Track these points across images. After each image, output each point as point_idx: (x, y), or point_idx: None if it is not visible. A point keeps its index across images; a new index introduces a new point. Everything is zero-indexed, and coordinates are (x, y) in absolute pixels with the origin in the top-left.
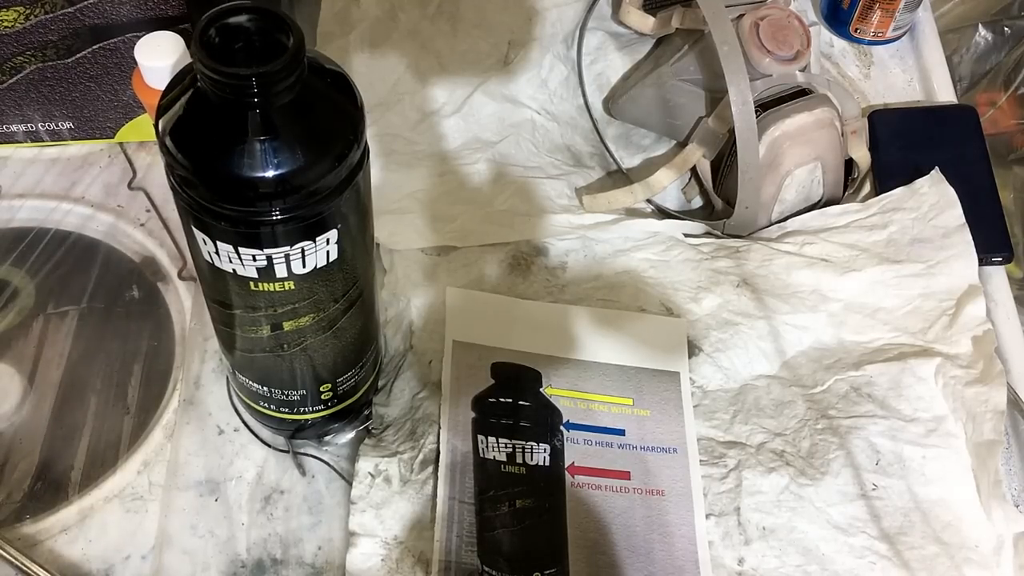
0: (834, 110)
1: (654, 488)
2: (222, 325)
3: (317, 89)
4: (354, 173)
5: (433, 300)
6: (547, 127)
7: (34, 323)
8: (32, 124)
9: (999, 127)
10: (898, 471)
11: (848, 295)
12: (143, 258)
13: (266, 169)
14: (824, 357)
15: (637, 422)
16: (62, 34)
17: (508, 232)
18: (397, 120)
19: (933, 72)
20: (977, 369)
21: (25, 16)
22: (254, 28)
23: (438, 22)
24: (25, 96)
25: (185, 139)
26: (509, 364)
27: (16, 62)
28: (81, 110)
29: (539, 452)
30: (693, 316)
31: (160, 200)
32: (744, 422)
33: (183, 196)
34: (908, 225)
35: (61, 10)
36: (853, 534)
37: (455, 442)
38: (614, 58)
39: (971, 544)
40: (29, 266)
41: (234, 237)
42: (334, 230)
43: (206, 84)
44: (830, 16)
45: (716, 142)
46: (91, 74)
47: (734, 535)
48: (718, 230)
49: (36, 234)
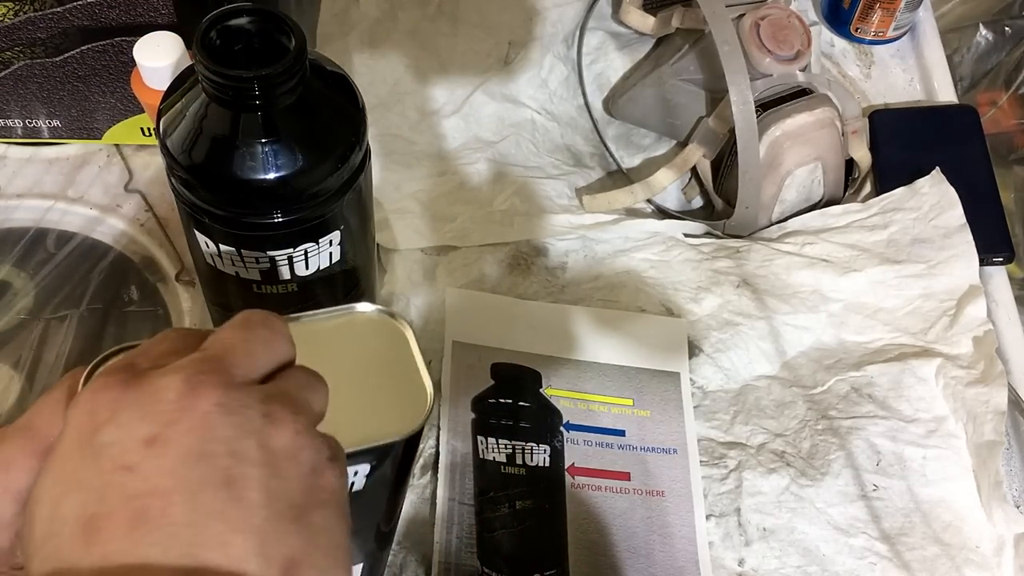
0: (835, 110)
1: (654, 489)
2: None
3: (319, 91)
4: (356, 174)
5: (433, 300)
6: (547, 127)
7: (33, 324)
8: (19, 120)
9: (1000, 127)
10: (899, 472)
11: (849, 295)
12: (142, 259)
13: (268, 172)
14: (824, 357)
15: (637, 423)
16: (51, 32)
17: (508, 232)
18: (397, 120)
19: (934, 72)
20: (978, 370)
21: (14, 12)
22: (255, 30)
23: (438, 22)
24: (13, 92)
25: (186, 141)
26: (509, 364)
27: (4, 57)
28: (69, 109)
29: (539, 453)
30: (693, 316)
31: (157, 202)
32: (744, 423)
33: (184, 198)
34: (909, 225)
35: (50, 8)
36: (853, 535)
37: (455, 443)
38: (614, 58)
39: (972, 545)
40: (28, 267)
41: (237, 240)
42: (337, 231)
43: (208, 86)
44: (831, 16)
45: (716, 142)
46: (79, 74)
47: (734, 536)
48: (718, 230)
49: (35, 234)
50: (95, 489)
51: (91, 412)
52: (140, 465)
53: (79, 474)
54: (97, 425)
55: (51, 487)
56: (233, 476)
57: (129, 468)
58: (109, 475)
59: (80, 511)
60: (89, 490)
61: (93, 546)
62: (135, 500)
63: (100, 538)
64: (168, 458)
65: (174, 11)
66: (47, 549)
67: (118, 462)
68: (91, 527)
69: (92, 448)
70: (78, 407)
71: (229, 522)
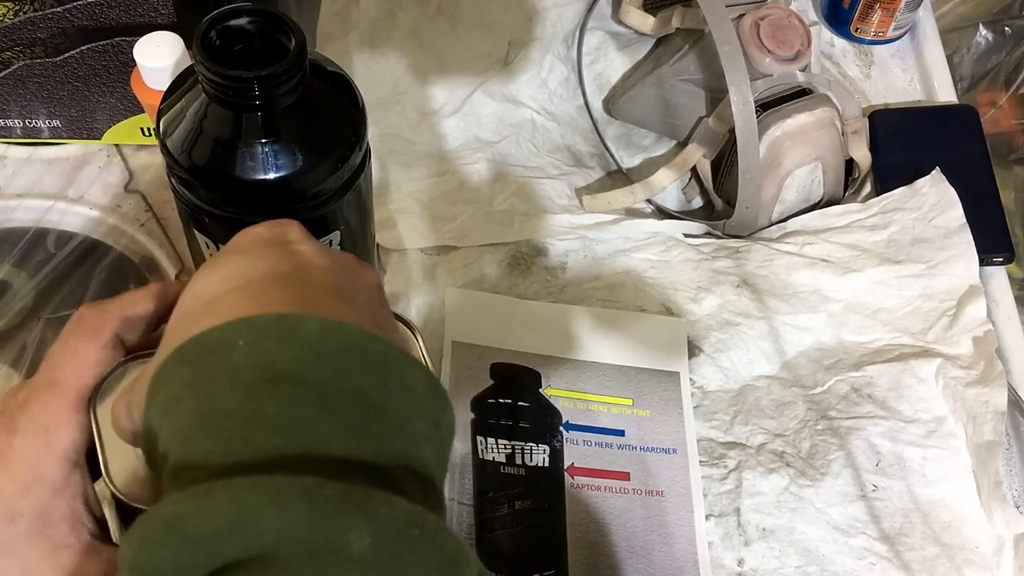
0: (835, 110)
1: (654, 489)
2: None
3: (319, 91)
4: (356, 175)
5: (432, 300)
6: (547, 127)
7: (33, 324)
8: (19, 120)
9: (1000, 127)
10: (898, 472)
11: (848, 295)
12: (142, 259)
13: (268, 172)
14: (824, 358)
15: (637, 423)
16: (51, 32)
17: (508, 232)
18: (397, 120)
19: (934, 72)
20: (978, 370)
21: (14, 12)
22: (255, 30)
23: (438, 22)
24: (12, 92)
25: (187, 142)
26: (508, 364)
27: (4, 57)
28: (68, 109)
29: (538, 453)
30: (693, 316)
31: (157, 202)
32: (744, 423)
33: (184, 198)
34: (909, 225)
35: (50, 8)
36: (853, 535)
37: (454, 443)
38: (614, 58)
39: (971, 545)
40: (28, 267)
41: None
42: (336, 232)
43: (208, 87)
44: (831, 16)
45: (716, 142)
46: (79, 74)
47: (734, 536)
48: (718, 230)
49: (35, 234)
50: (290, 264)
51: (280, 230)
52: (319, 269)
53: (267, 254)
54: (289, 240)
55: (239, 261)
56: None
57: (318, 267)
58: (303, 265)
59: (271, 269)
60: (283, 262)
61: (289, 291)
62: (326, 278)
63: (294, 287)
64: (330, 275)
65: (174, 11)
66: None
67: (306, 263)
68: (284, 281)
69: (287, 248)
70: (262, 227)
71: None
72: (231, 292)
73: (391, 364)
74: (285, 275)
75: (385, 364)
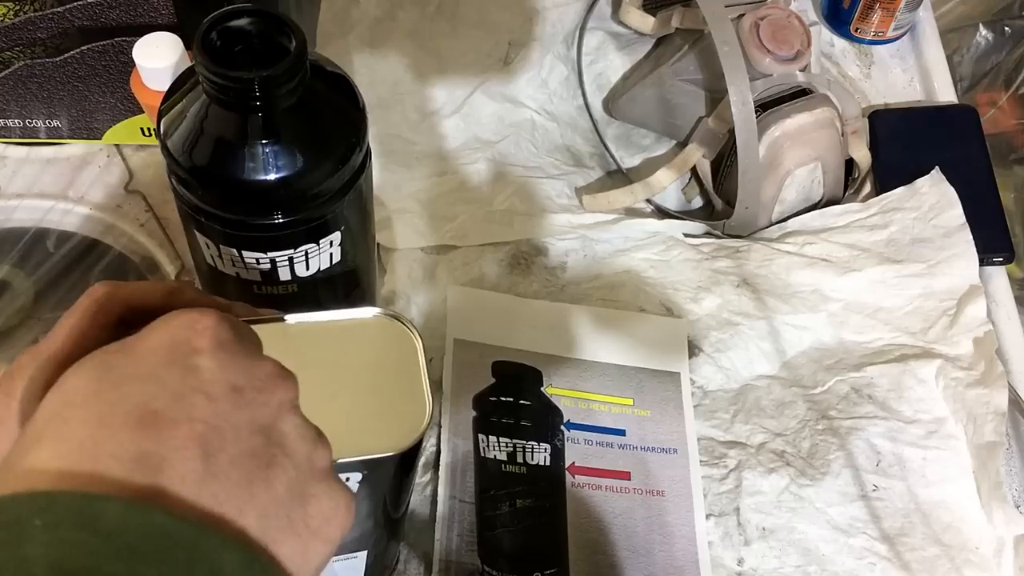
0: (834, 110)
1: (654, 488)
2: None
3: (319, 92)
4: (357, 175)
5: (433, 299)
6: (547, 127)
7: (33, 324)
8: (19, 120)
9: (1000, 127)
10: (898, 472)
11: (848, 295)
12: (142, 259)
13: (269, 173)
14: (824, 357)
15: (637, 422)
16: (51, 32)
17: (508, 232)
18: (397, 120)
19: (934, 72)
20: (978, 370)
21: (14, 12)
22: (255, 31)
23: (438, 22)
24: (12, 92)
25: (187, 142)
26: (510, 363)
27: (4, 57)
28: (69, 110)
29: (540, 452)
30: (693, 316)
31: (157, 202)
32: (744, 422)
33: (185, 199)
34: (908, 225)
35: (50, 9)
36: (853, 535)
37: (456, 441)
38: (614, 58)
39: (972, 546)
40: (28, 267)
41: (237, 240)
42: (337, 232)
43: (208, 87)
44: (830, 16)
45: (716, 142)
46: (79, 75)
47: (734, 535)
48: (718, 230)
49: (35, 234)
50: (172, 393)
51: (193, 334)
52: (219, 401)
53: (159, 372)
54: (195, 349)
55: (120, 372)
56: (273, 459)
57: (203, 398)
58: (190, 393)
59: (145, 401)
60: (164, 390)
61: (144, 438)
62: (200, 424)
63: (152, 435)
64: (241, 413)
65: (174, 11)
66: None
67: (192, 390)
68: (147, 421)
69: (186, 364)
70: (182, 319)
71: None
72: (85, 416)
73: (199, 549)
74: (150, 415)
75: (190, 551)
